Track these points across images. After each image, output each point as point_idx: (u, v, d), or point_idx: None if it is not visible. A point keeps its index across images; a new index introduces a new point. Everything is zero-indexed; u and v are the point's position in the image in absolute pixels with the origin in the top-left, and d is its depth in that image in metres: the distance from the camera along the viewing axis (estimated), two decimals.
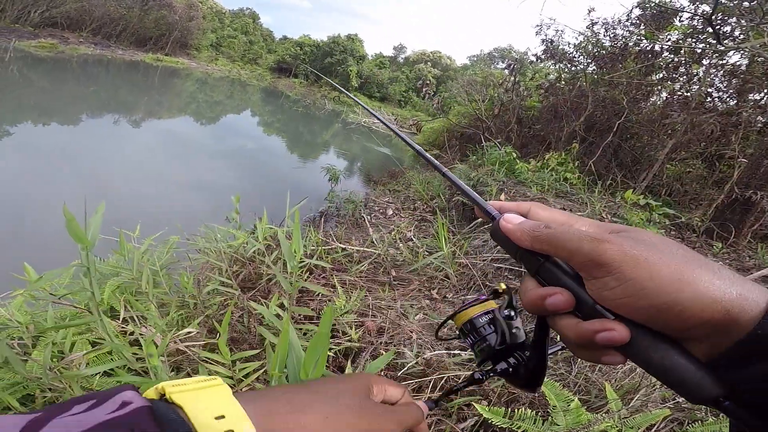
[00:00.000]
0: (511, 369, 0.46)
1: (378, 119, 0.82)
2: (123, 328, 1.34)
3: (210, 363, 1.28)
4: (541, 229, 0.40)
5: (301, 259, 1.40)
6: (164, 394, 0.32)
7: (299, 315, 2.38)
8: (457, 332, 0.52)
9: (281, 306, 1.86)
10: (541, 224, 0.41)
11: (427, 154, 0.63)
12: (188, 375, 1.42)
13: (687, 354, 0.33)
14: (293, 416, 0.35)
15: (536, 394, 1.86)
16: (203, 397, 0.31)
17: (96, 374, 1.22)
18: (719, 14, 5.98)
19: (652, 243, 0.35)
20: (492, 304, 0.50)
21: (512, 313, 0.49)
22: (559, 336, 0.41)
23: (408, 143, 0.70)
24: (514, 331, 0.48)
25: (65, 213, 0.80)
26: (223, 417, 0.30)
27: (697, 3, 6.91)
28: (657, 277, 0.33)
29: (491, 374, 0.47)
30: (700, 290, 0.32)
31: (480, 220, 4.88)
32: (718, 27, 6.04)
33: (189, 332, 1.41)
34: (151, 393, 0.33)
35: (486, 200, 0.49)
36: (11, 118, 8.33)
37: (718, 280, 0.32)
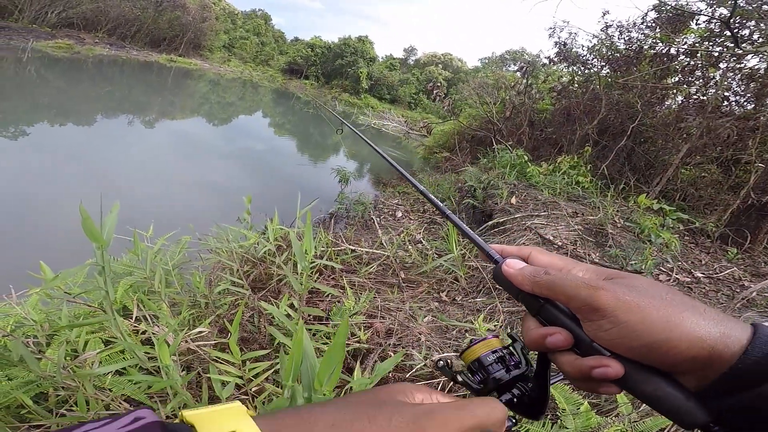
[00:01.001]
0: (515, 399, 0.48)
1: (389, 162, 0.84)
2: (135, 327, 1.35)
3: (221, 362, 1.28)
4: (541, 275, 0.44)
5: (311, 259, 1.40)
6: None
7: (309, 315, 2.38)
8: (465, 370, 0.53)
9: (291, 306, 1.86)
10: (541, 270, 0.45)
11: (430, 194, 0.70)
12: (199, 374, 1.43)
13: (677, 385, 0.37)
14: (301, 427, 0.34)
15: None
16: (216, 416, 0.32)
17: (108, 373, 1.23)
18: (737, 17, 5.88)
19: (643, 288, 0.39)
20: (498, 343, 0.52)
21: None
22: (559, 370, 0.45)
23: (414, 184, 0.76)
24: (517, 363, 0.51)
25: (81, 212, 0.80)
26: None
27: (715, 6, 6.81)
28: (648, 319, 0.37)
29: None
30: (686, 330, 0.36)
31: (491, 222, 4.86)
32: (737, 30, 5.94)
33: (200, 332, 1.41)
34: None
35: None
36: (28, 118, 8.48)
37: (703, 320, 0.36)
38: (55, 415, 1.14)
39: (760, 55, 5.90)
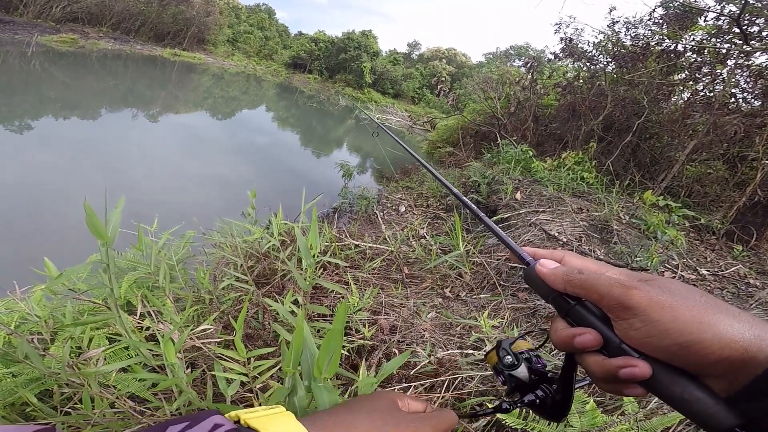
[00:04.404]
0: (538, 401, 0.49)
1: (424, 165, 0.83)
2: (139, 323, 1.35)
3: (226, 360, 1.27)
4: (574, 274, 0.45)
5: (316, 255, 1.39)
6: (238, 420, 0.41)
7: (313, 312, 2.38)
8: (492, 370, 0.58)
9: (296, 302, 1.85)
10: (575, 270, 0.46)
11: (464, 198, 0.72)
12: (204, 372, 1.42)
13: (704, 387, 0.37)
14: (342, 428, 0.43)
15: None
16: (274, 422, 0.39)
17: (113, 370, 1.22)
18: (747, 14, 5.81)
19: (676, 290, 0.39)
20: (525, 345, 0.54)
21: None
22: (585, 371, 0.45)
23: (448, 187, 0.77)
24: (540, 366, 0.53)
25: (86, 208, 0.79)
26: None
27: (724, 3, 6.73)
28: (680, 319, 0.37)
29: (518, 404, 0.51)
30: (720, 331, 0.35)
31: (495, 218, 4.83)
32: (746, 27, 5.87)
33: (205, 329, 1.40)
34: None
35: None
36: (33, 112, 8.49)
37: (737, 323, 0.36)
38: (59, 412, 1.14)
39: None
